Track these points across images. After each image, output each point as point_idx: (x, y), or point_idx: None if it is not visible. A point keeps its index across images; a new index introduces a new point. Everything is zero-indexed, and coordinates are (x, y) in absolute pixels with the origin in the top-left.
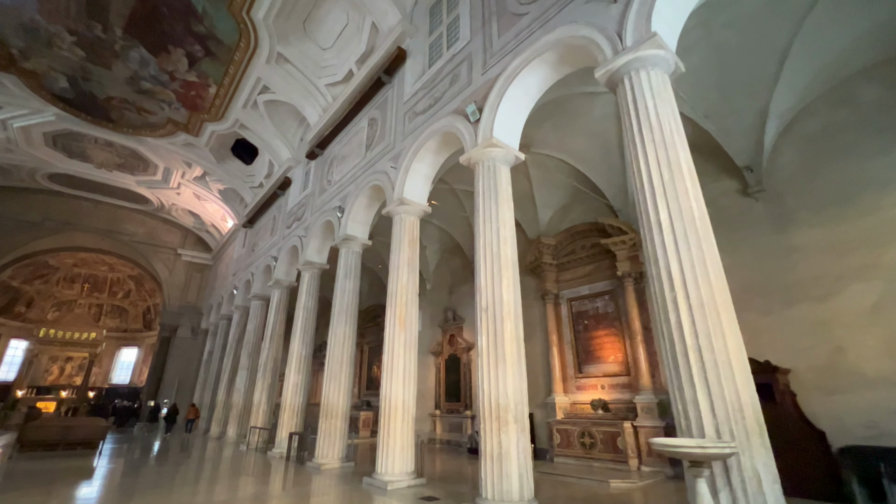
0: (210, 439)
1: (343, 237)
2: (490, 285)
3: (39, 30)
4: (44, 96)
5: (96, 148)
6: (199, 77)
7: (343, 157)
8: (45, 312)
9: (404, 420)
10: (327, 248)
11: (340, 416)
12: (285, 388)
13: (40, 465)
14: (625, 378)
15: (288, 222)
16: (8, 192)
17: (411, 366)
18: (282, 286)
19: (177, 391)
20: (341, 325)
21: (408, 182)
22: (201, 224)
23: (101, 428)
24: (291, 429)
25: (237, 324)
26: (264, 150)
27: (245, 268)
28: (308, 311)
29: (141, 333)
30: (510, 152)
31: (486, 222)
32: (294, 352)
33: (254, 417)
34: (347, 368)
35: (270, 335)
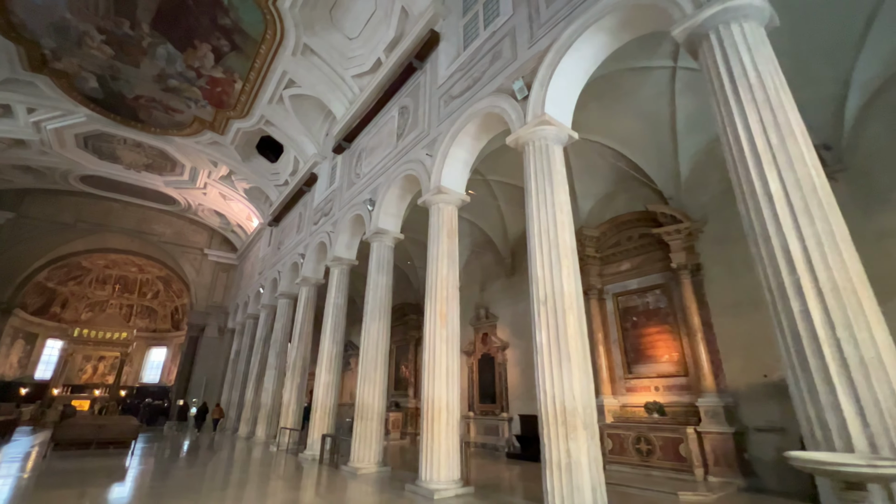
0: (239, 439)
1: (374, 231)
2: (548, 275)
3: (70, 29)
4: (75, 97)
5: (125, 149)
6: (224, 73)
7: (372, 148)
8: (79, 313)
9: (448, 423)
10: (356, 243)
11: (376, 418)
12: (316, 387)
13: (74, 464)
14: (682, 379)
15: (315, 219)
16: (43, 195)
17: (454, 364)
18: (309, 283)
19: (205, 390)
20: (375, 323)
21: (445, 169)
22: (227, 224)
23: (133, 427)
24: (323, 430)
25: (264, 323)
26: (289, 146)
27: (271, 266)
28: (338, 308)
29: (169, 333)
30: (563, 130)
31: (541, 207)
32: (324, 350)
33: (283, 418)
34: (382, 368)
35: (299, 334)
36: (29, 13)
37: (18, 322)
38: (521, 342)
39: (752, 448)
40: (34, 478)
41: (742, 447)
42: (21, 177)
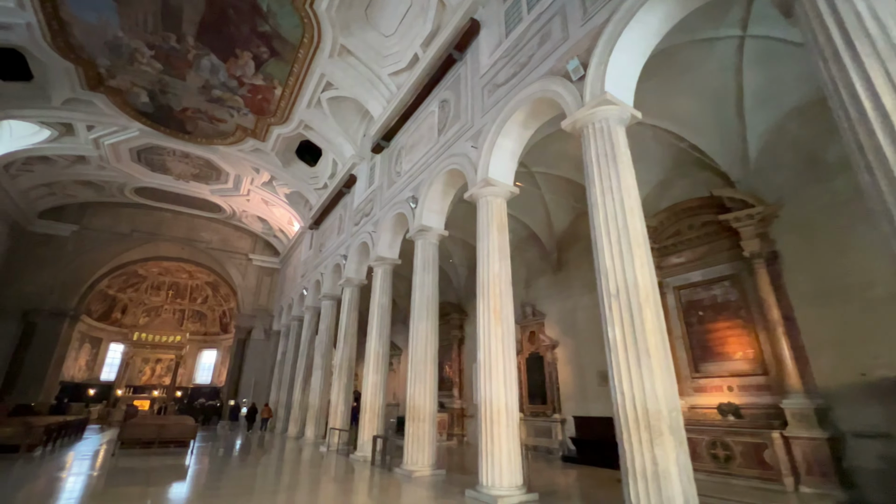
0: (289, 439)
1: (418, 228)
2: (619, 266)
3: (122, 46)
4: (128, 112)
5: (174, 160)
6: (264, 79)
7: (412, 145)
8: (137, 318)
9: (508, 425)
10: (399, 242)
11: (428, 419)
12: (364, 388)
13: (139, 463)
14: (760, 378)
15: (355, 219)
16: (102, 208)
17: (511, 364)
18: (352, 284)
19: (254, 391)
20: (423, 322)
21: (492, 161)
22: (269, 229)
23: (191, 428)
24: (373, 431)
25: (309, 324)
26: (328, 149)
27: (313, 269)
28: (383, 308)
29: (218, 336)
30: (625, 110)
31: (605, 193)
32: (371, 351)
33: (332, 418)
34: (432, 368)
35: (344, 335)
36: (85, 34)
37: (85, 327)
38: (571, 340)
39: (850, 456)
40: (105, 475)
41: (838, 454)
42: (83, 191)
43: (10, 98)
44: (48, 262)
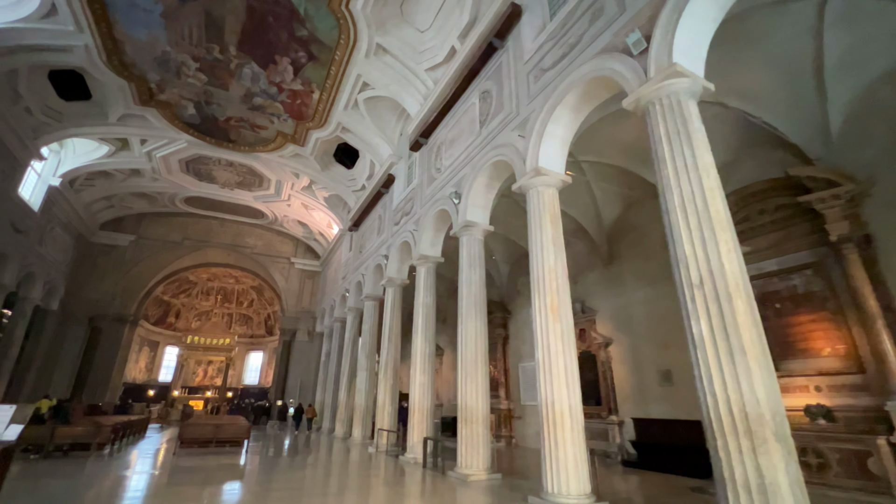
0: (336, 439)
1: (463, 224)
2: (700, 253)
3: (170, 61)
4: (177, 125)
5: (220, 168)
6: (303, 84)
7: (452, 140)
8: (190, 322)
9: (573, 429)
10: (441, 240)
11: (481, 421)
12: (412, 389)
13: (198, 462)
14: (855, 377)
15: (395, 219)
16: (155, 218)
17: (572, 362)
18: (394, 284)
19: (300, 391)
20: (471, 320)
21: (542, 149)
22: (309, 233)
23: (245, 428)
24: (422, 432)
25: (351, 325)
26: (365, 150)
27: (354, 270)
28: (427, 307)
29: (264, 338)
30: (696, 82)
31: (680, 173)
32: (417, 351)
33: (379, 419)
34: (483, 367)
35: (388, 335)
36: (137, 51)
37: (143, 332)
38: (626, 337)
39: None
40: (167, 474)
41: None
42: (138, 202)
43: (73, 117)
44: (110, 270)
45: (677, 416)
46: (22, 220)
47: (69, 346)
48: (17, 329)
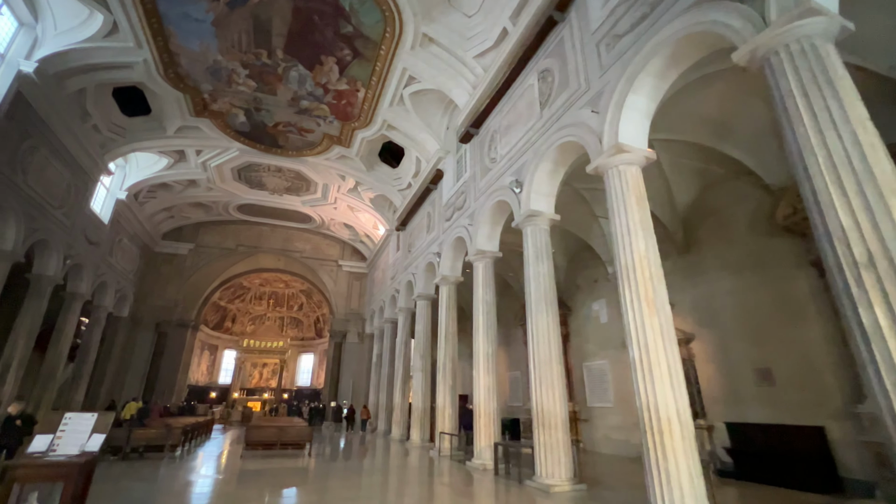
0: (393, 441)
1: (526, 214)
2: (866, 224)
3: (220, 70)
4: (229, 133)
5: (269, 175)
6: (348, 83)
7: (507, 127)
8: (245, 326)
9: (684, 437)
10: (498, 233)
11: (560, 426)
12: (475, 391)
13: (264, 464)
14: None
15: (446, 215)
16: (211, 226)
17: (676, 361)
18: (448, 282)
19: (353, 393)
20: (542, 316)
21: (622, 123)
22: (355, 235)
23: (308, 431)
24: (490, 436)
25: (403, 326)
26: (410, 147)
27: (403, 270)
28: (488, 304)
29: (314, 341)
30: (834, 21)
31: (825, 130)
32: (479, 351)
33: (440, 422)
34: (558, 367)
35: (444, 335)
36: (190, 62)
37: (203, 336)
38: (711, 332)
39: None
40: (237, 477)
41: None
42: (195, 212)
43: (135, 132)
44: (172, 278)
45: (782, 420)
46: (94, 232)
47: (139, 351)
48: (93, 336)
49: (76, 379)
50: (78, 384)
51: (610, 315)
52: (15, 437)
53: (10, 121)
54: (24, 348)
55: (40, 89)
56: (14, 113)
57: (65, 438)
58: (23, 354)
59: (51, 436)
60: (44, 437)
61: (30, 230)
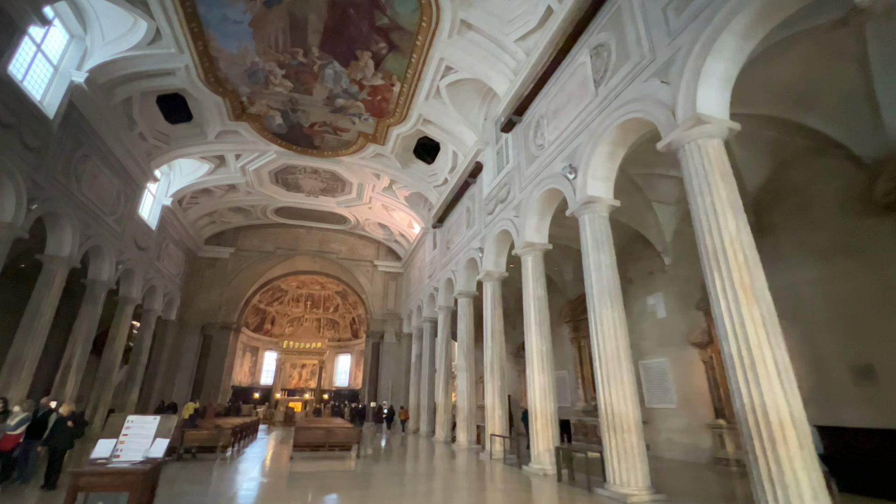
0: (437, 443)
1: (583, 201)
2: None
3: (258, 72)
4: (266, 136)
5: (305, 177)
6: (383, 78)
7: (555, 111)
8: (283, 328)
9: (802, 445)
10: (547, 223)
11: (633, 429)
12: (530, 392)
13: (313, 467)
14: None
15: (488, 208)
16: (250, 230)
17: (783, 356)
18: (493, 278)
19: (392, 393)
20: (606, 309)
21: (700, 92)
22: (390, 235)
23: (355, 432)
24: (548, 439)
25: (444, 325)
26: (447, 142)
27: (442, 267)
28: (540, 300)
29: (350, 342)
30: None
31: None
32: (532, 349)
33: (489, 423)
34: (628, 364)
35: (491, 333)
36: (229, 65)
37: (245, 338)
38: (795, 326)
39: None
40: (289, 477)
41: None
42: (235, 217)
43: (178, 139)
44: (215, 282)
45: (888, 424)
46: (143, 238)
47: (186, 353)
48: (144, 339)
49: (130, 380)
50: (132, 385)
51: (668, 309)
52: (66, 438)
53: (64, 130)
54: (82, 351)
55: (91, 99)
56: (67, 123)
57: (128, 443)
58: (81, 357)
59: (114, 440)
60: (107, 442)
61: (84, 237)
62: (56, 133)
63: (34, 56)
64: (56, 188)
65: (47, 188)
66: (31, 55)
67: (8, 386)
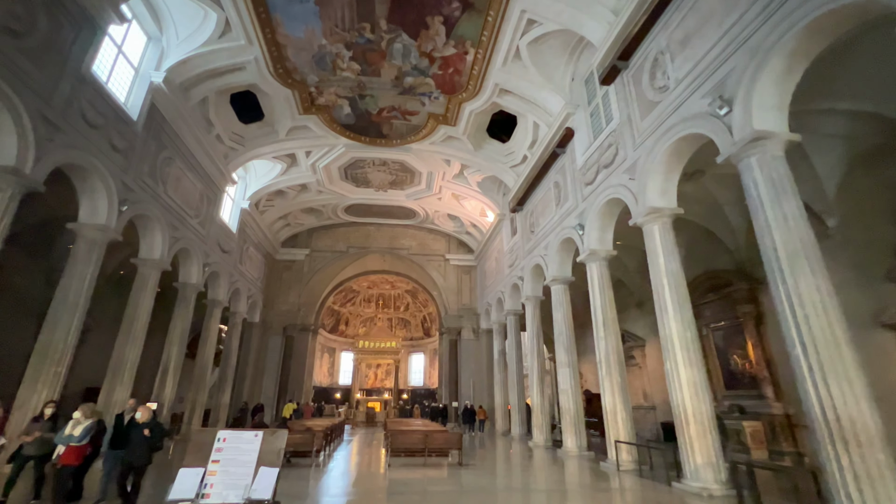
0: (537, 448)
1: (749, 139)
2: None
3: (325, 56)
4: (335, 129)
5: (373, 170)
6: (456, 46)
7: (683, 39)
8: (357, 329)
9: None
10: (675, 182)
11: (876, 442)
12: (674, 389)
13: (413, 474)
14: None
15: (587, 178)
16: (322, 231)
17: None
18: (599, 257)
19: (474, 391)
20: (805, 276)
21: None
22: (461, 226)
23: (456, 437)
24: (708, 451)
25: (533, 316)
26: (526, 113)
27: (526, 254)
28: (675, 275)
29: (422, 340)
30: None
31: None
32: (671, 335)
33: (611, 427)
34: (849, 351)
35: (602, 320)
36: (297, 53)
37: (322, 340)
38: None
39: None
40: (388, 488)
41: None
42: (307, 218)
43: (252, 139)
44: (293, 283)
45: None
46: (226, 241)
47: (271, 355)
48: (232, 341)
49: (222, 382)
50: (223, 387)
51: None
52: (143, 451)
53: (148, 133)
54: (178, 353)
55: (170, 101)
56: (150, 125)
57: (221, 474)
58: (177, 359)
59: (200, 471)
60: (190, 474)
61: (173, 239)
62: (141, 135)
63: (116, 58)
64: (145, 190)
65: (136, 190)
66: (112, 58)
67: (112, 389)
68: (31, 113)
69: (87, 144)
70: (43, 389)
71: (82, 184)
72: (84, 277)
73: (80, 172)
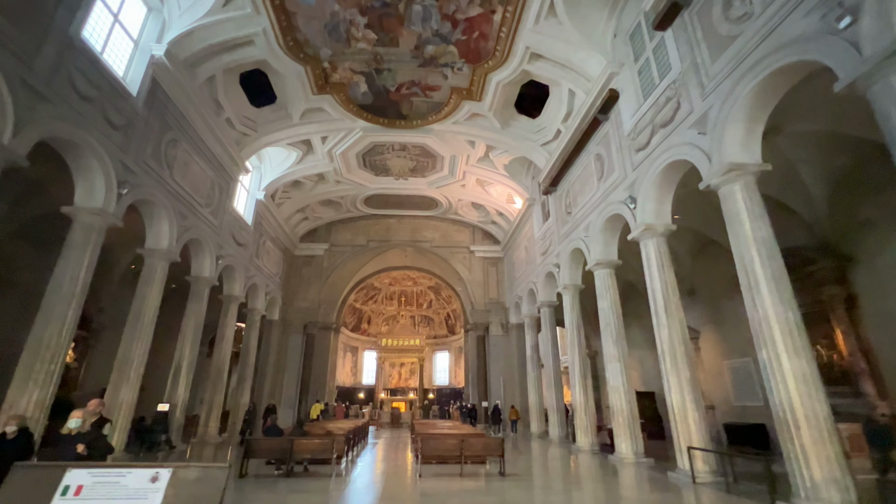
0: (583, 453)
1: (883, 55)
2: None
3: (339, 25)
4: (351, 110)
5: (393, 156)
6: (482, 3)
7: None
8: (379, 327)
9: None
10: (759, 132)
11: None
12: (772, 382)
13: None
14: None
15: (638, 142)
16: (341, 224)
17: None
18: (657, 233)
19: (504, 390)
20: None
21: None
22: (486, 216)
23: (497, 443)
24: (827, 462)
25: (571, 306)
26: (560, 80)
27: (562, 238)
28: (768, 244)
29: (447, 338)
30: None
31: None
32: (770, 320)
33: (681, 431)
34: None
35: (663, 306)
36: (307, 22)
37: (344, 338)
38: None
39: None
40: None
41: None
42: (326, 211)
43: (264, 124)
44: (313, 280)
45: None
46: (240, 233)
47: (291, 353)
48: (251, 338)
49: (241, 381)
50: (242, 387)
51: None
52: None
53: (150, 110)
54: (191, 351)
55: (174, 77)
56: (153, 102)
57: None
58: (191, 357)
59: None
60: None
61: (182, 228)
62: (142, 112)
63: (112, 26)
64: (148, 174)
65: (138, 173)
66: (108, 27)
67: (117, 388)
68: (6, 76)
69: (78, 118)
70: (35, 390)
71: (76, 162)
72: (80, 265)
73: (73, 150)
